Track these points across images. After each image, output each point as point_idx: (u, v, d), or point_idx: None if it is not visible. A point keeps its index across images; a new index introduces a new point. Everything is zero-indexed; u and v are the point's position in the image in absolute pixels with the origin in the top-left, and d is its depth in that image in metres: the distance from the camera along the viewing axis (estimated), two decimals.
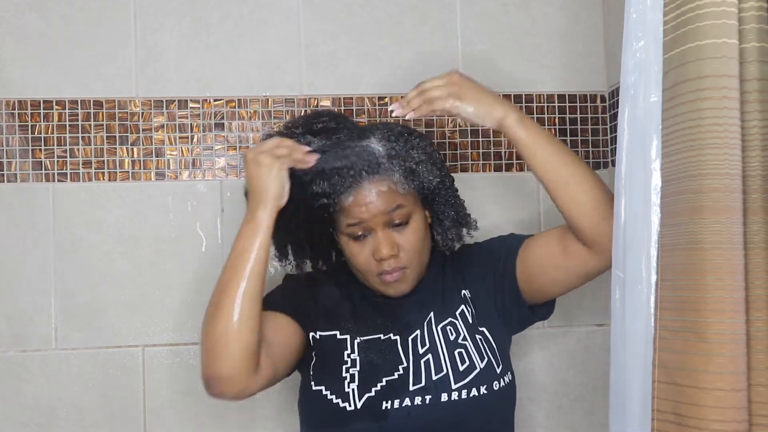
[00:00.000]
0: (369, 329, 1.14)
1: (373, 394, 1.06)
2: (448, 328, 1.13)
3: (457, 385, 1.07)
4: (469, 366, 1.09)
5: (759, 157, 0.89)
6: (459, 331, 1.13)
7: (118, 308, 1.44)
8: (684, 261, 0.90)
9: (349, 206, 1.09)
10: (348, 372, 1.09)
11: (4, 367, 1.41)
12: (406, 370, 1.09)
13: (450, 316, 1.15)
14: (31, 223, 1.43)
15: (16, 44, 1.44)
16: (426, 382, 1.07)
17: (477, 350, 1.11)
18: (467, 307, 1.16)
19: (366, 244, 1.11)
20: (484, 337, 1.14)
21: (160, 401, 1.44)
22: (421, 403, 1.06)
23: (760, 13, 0.89)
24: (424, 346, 1.11)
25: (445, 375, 1.08)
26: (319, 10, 1.50)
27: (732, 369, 0.86)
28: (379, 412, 1.05)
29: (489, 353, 1.12)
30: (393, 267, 1.10)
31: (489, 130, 1.52)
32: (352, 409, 1.06)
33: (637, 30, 0.99)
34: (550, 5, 1.55)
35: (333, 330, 1.14)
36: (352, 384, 1.08)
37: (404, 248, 1.11)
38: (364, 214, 1.09)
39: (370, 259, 1.11)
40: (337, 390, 1.08)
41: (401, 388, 1.07)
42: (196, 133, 1.48)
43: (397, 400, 1.06)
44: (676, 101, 0.92)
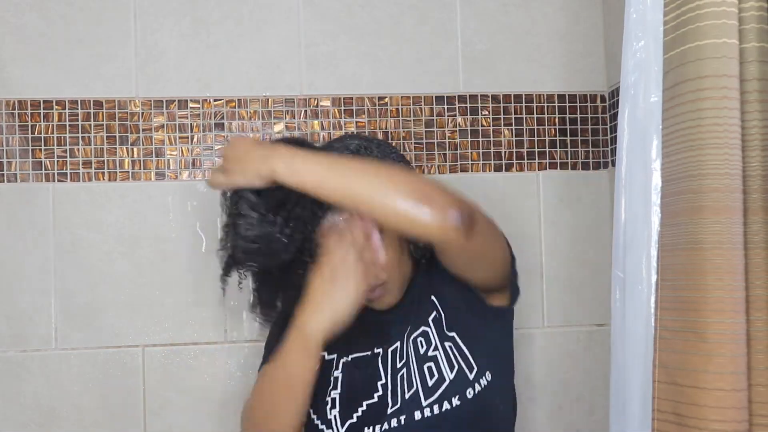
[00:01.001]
0: (356, 347, 1.12)
1: (354, 420, 1.06)
2: (419, 339, 1.10)
3: (427, 401, 1.05)
4: (438, 379, 1.06)
5: (759, 157, 0.89)
6: (431, 340, 1.09)
7: (118, 308, 1.44)
8: (684, 261, 0.90)
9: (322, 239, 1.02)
10: (329, 395, 1.09)
11: (4, 367, 1.41)
12: (384, 389, 1.08)
13: (423, 325, 1.11)
14: (31, 223, 1.43)
15: (16, 44, 1.44)
16: (401, 403, 1.06)
17: (447, 359, 1.07)
18: (438, 313, 1.12)
19: None
20: (454, 343, 1.09)
21: (160, 401, 1.44)
22: (397, 425, 1.05)
23: (760, 13, 0.89)
24: (402, 359, 1.10)
25: (415, 392, 1.06)
26: (319, 10, 1.50)
27: (732, 369, 0.86)
28: None
29: (460, 360, 1.08)
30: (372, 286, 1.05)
31: (489, 129, 1.53)
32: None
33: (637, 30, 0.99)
34: (550, 5, 1.55)
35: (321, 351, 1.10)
36: (334, 410, 1.07)
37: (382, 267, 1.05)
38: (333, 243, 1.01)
39: None
40: (322, 416, 1.08)
41: (381, 412, 1.06)
42: (196, 133, 1.48)
43: (378, 425, 1.05)
44: (676, 101, 0.92)
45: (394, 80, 1.51)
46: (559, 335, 1.54)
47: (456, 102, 1.52)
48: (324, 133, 1.49)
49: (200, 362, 1.45)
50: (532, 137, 1.54)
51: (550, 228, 1.53)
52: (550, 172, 1.54)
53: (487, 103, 1.53)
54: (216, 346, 1.44)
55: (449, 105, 1.52)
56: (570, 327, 1.54)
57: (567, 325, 1.54)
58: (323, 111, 1.50)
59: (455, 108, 1.52)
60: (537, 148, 1.54)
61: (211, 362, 1.45)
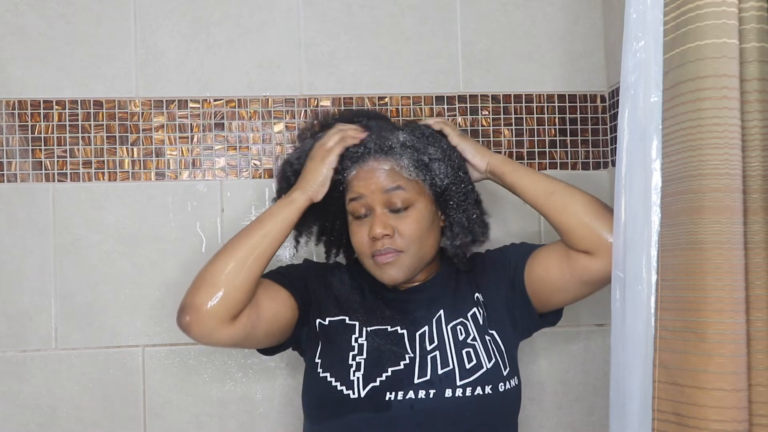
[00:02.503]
0: (377, 319, 1.14)
1: (377, 384, 1.06)
2: (458, 327, 1.13)
3: (462, 381, 1.07)
4: (476, 364, 1.09)
5: (759, 157, 0.89)
6: (469, 331, 1.13)
7: (118, 308, 1.44)
8: (684, 261, 0.90)
9: (352, 179, 1.14)
10: (354, 360, 1.09)
11: (4, 367, 1.42)
12: (412, 361, 1.09)
13: (461, 317, 1.14)
14: (31, 223, 1.43)
15: (16, 44, 1.44)
16: (431, 376, 1.07)
17: (485, 351, 1.11)
18: (479, 309, 1.16)
19: (365, 224, 1.13)
20: (493, 339, 1.13)
21: (160, 401, 1.44)
22: (425, 397, 1.06)
23: (760, 13, 0.89)
24: (432, 342, 1.11)
25: (451, 370, 1.08)
26: (319, 10, 1.51)
27: (732, 369, 0.86)
28: (383, 402, 1.05)
29: (497, 355, 1.11)
30: (386, 247, 1.11)
31: (489, 129, 1.53)
32: (355, 398, 1.06)
33: (637, 30, 0.99)
34: (550, 5, 1.55)
35: (342, 315, 1.15)
36: (358, 372, 1.08)
37: (401, 233, 1.12)
38: (362, 189, 1.12)
39: (366, 239, 1.13)
40: (342, 377, 1.08)
41: (406, 380, 1.07)
42: (196, 133, 1.48)
43: (401, 392, 1.06)
44: (676, 101, 0.92)
45: (394, 80, 1.51)
46: (559, 335, 1.54)
47: (456, 102, 1.53)
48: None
49: (200, 362, 1.45)
50: (532, 137, 1.54)
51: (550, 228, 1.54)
52: (550, 172, 1.54)
53: (487, 103, 1.53)
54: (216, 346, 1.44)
55: (449, 105, 1.52)
56: (570, 327, 1.54)
57: (567, 325, 1.54)
58: (323, 111, 1.50)
59: (455, 108, 1.52)
60: (537, 148, 1.54)
61: (211, 362, 1.45)
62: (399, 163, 1.13)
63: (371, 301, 1.18)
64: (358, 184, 1.13)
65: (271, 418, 1.46)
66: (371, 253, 1.13)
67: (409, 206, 1.13)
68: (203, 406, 1.45)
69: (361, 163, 1.14)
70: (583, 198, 1.12)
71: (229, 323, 1.03)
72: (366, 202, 1.13)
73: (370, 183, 1.12)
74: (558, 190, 1.13)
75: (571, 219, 1.10)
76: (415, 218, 1.13)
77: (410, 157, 1.13)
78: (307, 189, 1.11)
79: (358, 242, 1.14)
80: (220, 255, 1.07)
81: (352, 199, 1.14)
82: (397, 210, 1.12)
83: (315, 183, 1.11)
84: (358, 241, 1.14)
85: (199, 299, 1.02)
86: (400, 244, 1.11)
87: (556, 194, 1.12)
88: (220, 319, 1.02)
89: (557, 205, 1.11)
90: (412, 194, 1.13)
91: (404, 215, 1.12)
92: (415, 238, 1.12)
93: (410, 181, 1.13)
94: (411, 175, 1.13)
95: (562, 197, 1.12)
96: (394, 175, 1.13)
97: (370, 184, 1.12)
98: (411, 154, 1.13)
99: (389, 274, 1.13)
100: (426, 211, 1.14)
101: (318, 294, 1.17)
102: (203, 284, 1.04)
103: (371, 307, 1.16)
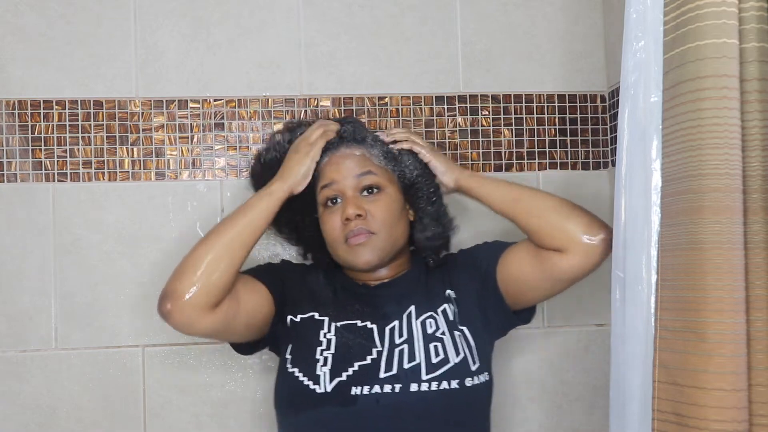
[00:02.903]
0: (347, 314, 1.16)
1: (344, 379, 1.07)
2: (428, 321, 1.15)
3: (428, 375, 1.08)
4: (443, 359, 1.10)
5: (759, 157, 0.89)
6: (438, 325, 1.14)
7: (118, 308, 1.44)
8: (684, 261, 0.90)
9: (324, 167, 1.19)
10: (322, 354, 1.10)
11: (4, 367, 1.41)
12: (379, 355, 1.10)
13: (431, 311, 1.16)
14: (31, 223, 1.43)
15: (16, 44, 1.44)
16: (397, 371, 1.08)
17: (454, 345, 1.12)
18: (450, 305, 1.17)
19: (336, 210, 1.17)
20: (463, 334, 1.14)
21: (160, 401, 1.44)
22: (390, 391, 1.06)
23: (760, 13, 0.89)
24: (402, 336, 1.12)
25: (417, 365, 1.09)
26: (319, 10, 1.50)
27: (732, 369, 0.86)
28: (348, 397, 1.06)
29: (466, 350, 1.12)
30: (359, 228, 1.13)
31: (489, 129, 1.53)
32: (321, 392, 1.06)
33: (637, 30, 0.99)
34: (550, 5, 1.55)
35: (312, 312, 1.17)
36: (324, 367, 1.09)
37: (373, 215, 1.15)
38: (334, 174, 1.17)
39: (338, 224, 1.16)
40: (309, 372, 1.09)
41: (372, 375, 1.08)
42: (196, 133, 1.48)
43: (367, 387, 1.07)
44: (676, 101, 0.92)
45: (394, 80, 1.51)
46: (559, 335, 1.54)
47: (456, 102, 1.53)
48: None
49: (200, 362, 1.45)
50: (532, 137, 1.54)
51: None
52: (550, 172, 1.54)
53: (487, 103, 1.53)
54: (216, 346, 1.44)
55: (449, 105, 1.52)
56: (570, 327, 1.54)
57: (567, 325, 1.54)
58: (323, 111, 1.50)
59: (455, 108, 1.52)
60: (537, 148, 1.54)
61: (210, 362, 1.45)
62: (370, 152, 1.20)
63: (342, 296, 1.20)
64: (330, 169, 1.18)
65: (271, 418, 1.46)
66: (344, 236, 1.15)
67: (380, 190, 1.17)
68: (203, 406, 1.45)
69: (333, 150, 1.19)
70: (549, 199, 1.15)
71: (209, 311, 1.04)
72: (338, 188, 1.17)
73: (341, 168, 1.17)
74: (524, 196, 1.17)
75: (539, 221, 1.12)
76: (386, 202, 1.17)
77: (380, 147, 1.21)
78: (288, 180, 1.14)
79: (330, 228, 1.17)
80: (202, 244, 1.08)
81: (325, 186, 1.18)
82: (369, 193, 1.17)
83: (298, 175, 1.14)
84: (329, 227, 1.17)
85: (180, 287, 1.04)
86: (373, 225, 1.15)
87: (522, 200, 1.16)
88: (201, 306, 1.03)
89: (524, 210, 1.14)
90: (383, 180, 1.18)
91: (375, 198, 1.17)
92: (387, 221, 1.16)
93: (380, 167, 1.20)
94: (381, 163, 1.20)
95: (528, 201, 1.15)
96: (364, 160, 1.19)
97: (342, 169, 1.17)
98: (381, 146, 1.21)
99: (363, 257, 1.15)
100: (396, 198, 1.19)
101: (293, 292, 1.19)
102: (184, 272, 1.05)
103: (342, 302, 1.18)
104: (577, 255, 1.09)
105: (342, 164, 1.18)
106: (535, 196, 1.17)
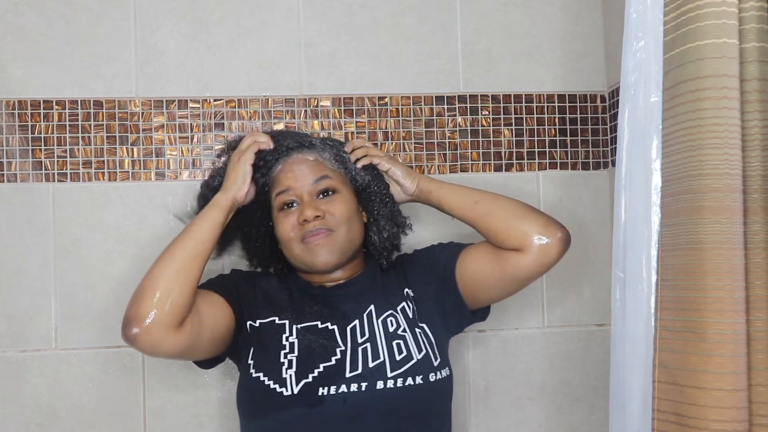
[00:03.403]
0: (306, 316, 1.16)
1: (309, 380, 1.08)
2: (388, 319, 1.16)
3: (393, 373, 1.09)
4: (406, 356, 1.11)
5: (759, 157, 0.89)
6: (399, 323, 1.15)
7: (118, 308, 1.43)
8: (684, 261, 0.90)
9: (278, 174, 1.21)
10: (286, 357, 1.11)
11: (4, 367, 1.41)
12: (343, 355, 1.10)
13: (391, 309, 1.17)
14: (31, 223, 1.43)
15: (16, 44, 1.44)
16: (362, 370, 1.09)
17: (415, 342, 1.13)
18: (408, 303, 1.19)
19: (292, 212, 1.18)
20: (423, 331, 1.16)
21: (160, 401, 1.44)
22: (357, 390, 1.07)
23: (760, 13, 0.89)
24: (363, 335, 1.13)
25: (382, 363, 1.10)
26: (319, 10, 1.50)
27: (732, 369, 0.86)
28: (315, 398, 1.07)
29: (427, 346, 1.14)
30: (317, 228, 1.15)
31: (489, 129, 1.53)
32: (288, 395, 1.07)
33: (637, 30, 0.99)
34: (550, 5, 1.55)
35: (272, 316, 1.17)
36: (290, 370, 1.09)
37: (332, 213, 1.17)
38: (290, 181, 1.19)
39: (293, 223, 1.17)
40: (275, 376, 1.09)
41: (337, 375, 1.08)
42: (196, 133, 1.48)
43: (333, 387, 1.07)
44: (676, 101, 0.92)
45: (394, 80, 1.51)
46: (559, 335, 1.54)
47: (456, 102, 1.53)
48: (324, 133, 1.49)
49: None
50: (532, 137, 1.54)
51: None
52: (550, 172, 1.54)
53: (487, 103, 1.53)
54: None
55: (449, 105, 1.52)
56: (570, 327, 1.54)
57: (567, 325, 1.54)
58: (323, 111, 1.50)
59: (455, 108, 1.52)
60: (537, 148, 1.54)
61: None
62: (322, 155, 1.22)
63: (299, 299, 1.20)
64: (285, 176, 1.19)
65: None
66: (300, 236, 1.16)
67: (336, 192, 1.19)
68: (203, 406, 1.45)
69: (285, 157, 1.21)
70: (506, 202, 1.18)
71: (174, 331, 1.03)
72: (294, 194, 1.18)
73: (297, 174, 1.19)
74: (482, 199, 1.19)
75: (498, 223, 1.15)
76: (343, 201, 1.19)
77: (330, 151, 1.23)
78: (228, 189, 1.15)
79: (285, 229, 1.18)
80: (157, 265, 1.07)
81: (280, 192, 1.19)
82: (325, 195, 1.18)
83: (236, 182, 1.16)
84: (285, 228, 1.18)
85: (142, 309, 1.02)
86: (332, 223, 1.16)
87: (480, 203, 1.18)
88: (166, 326, 1.02)
89: (482, 212, 1.17)
90: (337, 183, 1.20)
91: (332, 198, 1.19)
92: (345, 219, 1.18)
93: (334, 171, 1.22)
94: (334, 167, 1.23)
95: (486, 204, 1.18)
96: (318, 165, 1.21)
97: (298, 175, 1.19)
98: (331, 149, 1.23)
99: (321, 257, 1.16)
100: (350, 199, 1.21)
101: (248, 298, 1.19)
102: (143, 296, 1.04)
103: (299, 304, 1.19)
104: (534, 254, 1.11)
105: (297, 170, 1.19)
106: (492, 199, 1.19)
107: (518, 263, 1.12)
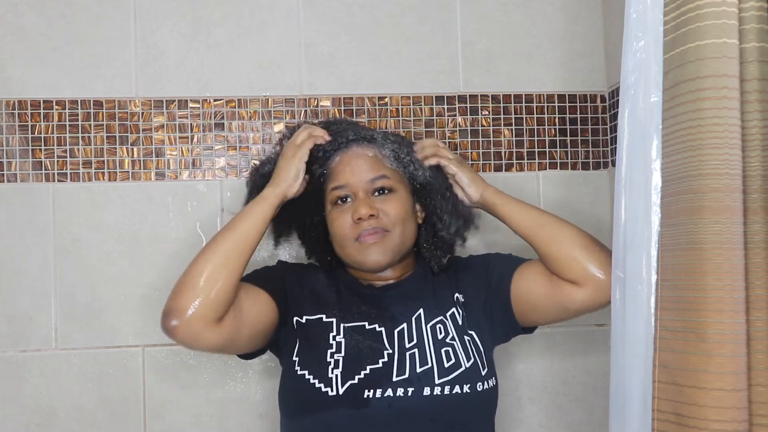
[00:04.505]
0: (354, 316, 1.15)
1: (355, 382, 1.07)
2: (437, 326, 1.14)
3: (441, 380, 1.07)
4: (454, 363, 1.09)
5: (759, 157, 0.89)
6: (448, 330, 1.14)
7: (118, 308, 1.44)
8: (684, 261, 0.90)
9: (335, 167, 1.18)
10: (333, 357, 1.09)
11: (4, 367, 1.41)
12: (390, 358, 1.09)
13: (441, 315, 1.15)
14: (31, 223, 1.43)
15: (16, 44, 1.44)
16: (410, 374, 1.08)
17: (464, 350, 1.12)
18: (458, 309, 1.17)
19: (347, 209, 1.16)
20: (472, 339, 1.14)
21: (160, 401, 1.44)
22: (403, 395, 1.06)
23: (760, 13, 0.89)
24: (411, 340, 1.12)
25: (430, 369, 1.08)
26: (319, 10, 1.51)
27: (732, 369, 0.86)
28: (361, 400, 1.05)
29: (476, 355, 1.12)
30: (373, 227, 1.13)
31: (489, 129, 1.53)
32: (333, 395, 1.06)
33: (637, 30, 0.99)
34: (550, 5, 1.55)
35: (319, 314, 1.15)
36: (336, 370, 1.08)
37: (387, 213, 1.15)
38: (347, 176, 1.16)
39: (349, 222, 1.15)
40: (320, 375, 1.08)
41: (384, 378, 1.07)
42: (196, 133, 1.48)
43: (380, 390, 1.06)
44: (676, 101, 0.92)
45: (394, 80, 1.51)
46: (559, 335, 1.54)
47: (456, 102, 1.53)
48: None
49: (200, 362, 1.45)
50: (532, 137, 1.54)
51: None
52: (550, 172, 1.54)
53: (487, 103, 1.53)
54: None
55: (449, 105, 1.52)
56: (570, 327, 1.54)
57: (567, 325, 1.54)
58: (323, 111, 1.50)
59: (455, 108, 1.53)
60: (537, 148, 1.54)
61: (210, 362, 1.45)
62: (381, 152, 1.19)
63: (347, 297, 1.18)
64: (343, 170, 1.17)
65: (271, 419, 1.46)
66: (356, 235, 1.14)
67: (392, 191, 1.17)
68: (203, 406, 1.45)
69: (344, 149, 1.18)
70: (572, 231, 1.14)
71: (214, 325, 1.03)
72: (350, 190, 1.16)
73: (354, 169, 1.16)
74: (548, 223, 1.16)
75: (560, 250, 1.12)
76: (399, 200, 1.17)
77: (391, 148, 1.19)
78: (279, 184, 1.13)
79: (340, 226, 1.16)
80: (200, 258, 1.07)
81: (336, 187, 1.17)
82: (381, 193, 1.16)
83: (288, 178, 1.13)
84: (340, 225, 1.16)
85: (183, 303, 1.02)
86: (386, 223, 1.14)
87: (546, 227, 1.15)
88: (206, 321, 1.02)
89: (547, 237, 1.14)
90: (395, 183, 1.18)
91: (388, 197, 1.16)
92: (400, 219, 1.16)
93: (392, 170, 1.19)
94: (392, 165, 1.19)
95: (551, 229, 1.14)
96: (377, 162, 1.18)
97: (355, 170, 1.16)
98: (392, 145, 1.19)
99: (373, 256, 1.14)
100: (406, 199, 1.19)
101: (295, 293, 1.17)
102: (185, 288, 1.03)
103: (347, 303, 1.17)
104: (591, 290, 1.09)
105: (354, 165, 1.16)
106: (558, 225, 1.15)
107: (572, 295, 1.10)
